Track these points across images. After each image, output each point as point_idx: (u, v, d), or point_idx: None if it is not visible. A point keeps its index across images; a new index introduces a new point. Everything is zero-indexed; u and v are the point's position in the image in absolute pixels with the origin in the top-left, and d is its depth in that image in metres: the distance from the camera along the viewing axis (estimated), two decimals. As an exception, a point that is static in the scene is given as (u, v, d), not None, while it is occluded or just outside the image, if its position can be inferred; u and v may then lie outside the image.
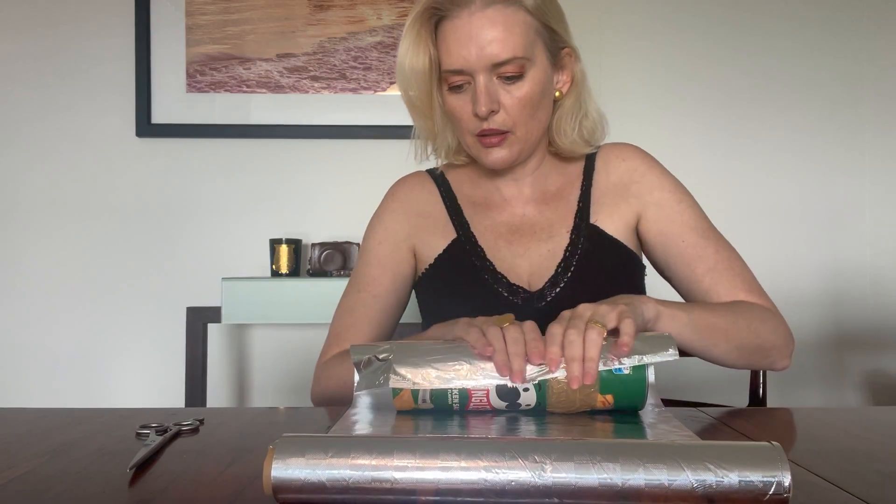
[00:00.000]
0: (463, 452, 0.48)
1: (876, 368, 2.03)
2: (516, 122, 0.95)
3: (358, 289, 1.06)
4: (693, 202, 1.02)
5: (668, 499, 0.47)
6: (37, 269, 1.96)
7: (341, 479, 0.48)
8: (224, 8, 1.96)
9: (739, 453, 0.48)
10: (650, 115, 2.01)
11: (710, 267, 0.97)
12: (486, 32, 0.91)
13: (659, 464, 0.47)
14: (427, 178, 1.11)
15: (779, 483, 0.47)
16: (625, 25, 2.01)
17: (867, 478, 0.55)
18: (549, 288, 0.98)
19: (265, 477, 0.48)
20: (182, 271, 1.97)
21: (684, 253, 0.99)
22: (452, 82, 0.95)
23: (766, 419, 0.78)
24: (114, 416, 0.79)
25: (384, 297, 1.05)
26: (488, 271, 0.99)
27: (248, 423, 0.78)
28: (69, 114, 1.97)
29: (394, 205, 1.09)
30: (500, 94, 0.94)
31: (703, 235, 0.99)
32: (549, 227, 1.03)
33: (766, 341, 0.91)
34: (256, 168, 1.99)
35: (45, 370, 1.95)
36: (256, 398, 1.99)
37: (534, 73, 0.94)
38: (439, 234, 1.05)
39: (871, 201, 2.03)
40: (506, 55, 0.91)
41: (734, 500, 0.47)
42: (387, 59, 1.98)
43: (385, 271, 1.05)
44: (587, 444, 0.49)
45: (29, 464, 0.60)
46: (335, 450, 0.49)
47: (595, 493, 0.47)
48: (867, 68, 2.03)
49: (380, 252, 1.07)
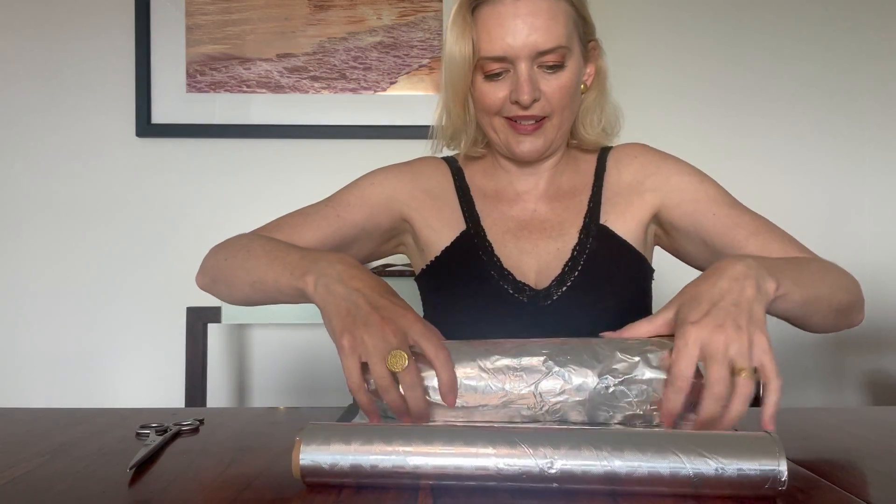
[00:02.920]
0: (476, 441, 0.51)
1: (876, 368, 2.03)
2: (554, 109, 0.94)
3: (326, 204, 1.01)
4: (714, 182, 1.01)
5: (665, 486, 0.49)
6: (36, 268, 1.96)
7: (364, 464, 0.51)
8: (224, 8, 1.96)
9: (737, 443, 0.49)
10: (649, 114, 2.01)
11: (752, 231, 0.94)
12: (532, 20, 0.89)
13: (657, 453, 0.49)
14: (444, 164, 1.09)
15: (776, 473, 0.47)
16: (625, 24, 2.01)
17: (867, 478, 0.56)
18: (555, 287, 0.95)
19: (294, 462, 0.52)
20: (182, 271, 1.97)
21: (718, 224, 0.95)
22: (490, 70, 0.93)
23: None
24: (114, 416, 0.79)
25: (347, 226, 1.00)
26: (495, 267, 0.97)
27: (248, 423, 0.78)
28: (69, 114, 1.97)
29: (405, 169, 1.06)
30: (540, 83, 0.92)
31: (733, 206, 0.97)
32: (559, 224, 1.01)
33: (857, 296, 0.88)
34: (256, 168, 1.99)
35: (45, 370, 1.95)
36: (256, 398, 1.99)
37: (572, 63, 0.94)
38: (445, 221, 1.02)
39: (871, 201, 2.03)
40: (550, 44, 0.90)
41: (731, 489, 0.48)
42: (387, 59, 1.98)
43: (363, 206, 1.01)
44: (590, 434, 0.51)
45: (29, 464, 0.60)
46: (358, 437, 0.52)
47: (595, 479, 0.49)
48: (867, 68, 2.03)
49: (368, 190, 1.03)
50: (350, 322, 0.66)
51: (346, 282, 0.70)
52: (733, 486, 0.48)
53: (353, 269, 0.72)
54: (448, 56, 0.95)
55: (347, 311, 0.67)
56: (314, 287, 0.73)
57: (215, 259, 0.94)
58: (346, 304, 0.68)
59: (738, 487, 0.48)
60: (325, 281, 0.71)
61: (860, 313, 0.90)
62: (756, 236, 0.93)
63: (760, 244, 0.93)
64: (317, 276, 0.73)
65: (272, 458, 0.61)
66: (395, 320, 0.66)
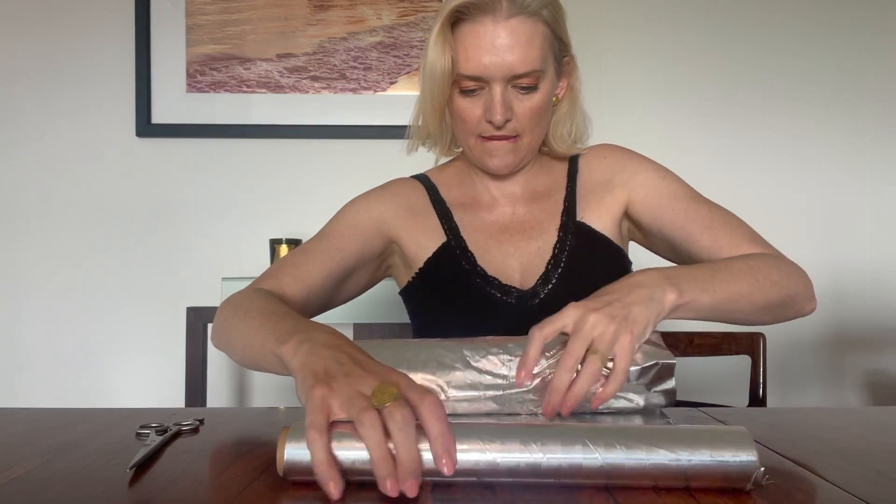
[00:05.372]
0: (462, 436, 0.52)
1: (876, 368, 2.03)
2: (525, 129, 0.97)
3: (322, 238, 1.00)
4: (678, 178, 1.03)
5: (646, 476, 0.51)
6: (37, 269, 1.96)
7: (348, 460, 0.51)
8: (224, 8, 1.96)
9: (710, 436, 0.52)
10: (649, 114, 2.01)
11: (706, 225, 0.96)
12: (509, 43, 0.91)
13: (638, 444, 0.51)
14: (417, 183, 1.11)
15: (747, 461, 0.50)
16: (625, 24, 2.01)
17: (867, 478, 0.56)
18: (540, 285, 0.98)
19: (279, 458, 0.52)
20: (182, 271, 1.97)
21: (676, 219, 0.98)
22: (466, 87, 0.95)
23: (766, 419, 0.78)
24: (114, 416, 0.79)
25: (348, 257, 0.99)
26: (479, 276, 0.99)
27: (248, 423, 0.78)
28: (69, 114, 1.97)
29: (383, 192, 1.08)
30: (513, 103, 0.95)
31: (693, 200, 1.00)
32: (538, 224, 1.03)
33: (790, 290, 0.88)
34: (256, 168, 1.99)
35: (45, 370, 1.95)
36: (256, 398, 1.99)
37: (545, 84, 0.96)
38: (429, 235, 1.04)
39: (871, 201, 2.03)
40: (526, 68, 0.92)
41: (708, 477, 0.51)
42: (387, 59, 1.98)
43: (357, 234, 1.01)
44: (574, 429, 0.53)
45: (29, 464, 0.60)
46: (345, 433, 0.52)
47: (581, 472, 0.51)
48: (867, 68, 2.03)
49: (357, 218, 1.03)
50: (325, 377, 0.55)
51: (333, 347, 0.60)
52: (707, 472, 0.51)
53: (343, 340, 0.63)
54: (429, 67, 0.96)
55: (325, 369, 0.57)
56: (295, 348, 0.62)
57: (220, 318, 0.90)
58: (325, 364, 0.57)
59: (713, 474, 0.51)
60: (309, 346, 0.62)
61: (807, 303, 0.91)
62: (710, 230, 0.95)
63: (713, 238, 0.95)
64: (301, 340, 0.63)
65: (272, 458, 0.61)
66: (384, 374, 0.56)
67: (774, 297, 0.86)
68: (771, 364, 1.28)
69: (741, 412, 0.86)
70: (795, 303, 0.89)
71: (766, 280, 0.85)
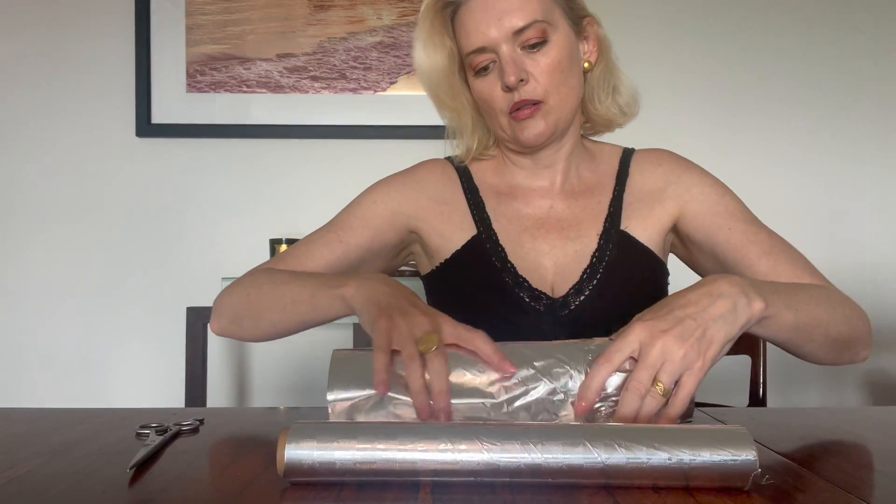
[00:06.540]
0: (461, 436, 0.52)
1: (876, 368, 2.03)
2: (547, 89, 0.91)
3: (328, 229, 0.99)
4: (735, 196, 0.99)
5: (646, 476, 0.51)
6: (37, 269, 1.96)
7: (349, 460, 0.51)
8: (224, 8, 1.96)
9: (709, 435, 0.52)
10: (649, 114, 2.00)
11: (765, 250, 0.91)
12: (503, 3, 0.89)
13: (638, 444, 0.51)
14: (449, 167, 1.05)
15: (746, 461, 0.50)
16: (626, 24, 2.00)
17: (867, 478, 0.55)
18: (573, 295, 0.92)
19: (279, 458, 0.52)
20: (182, 271, 1.97)
21: (732, 239, 0.93)
22: (477, 64, 0.92)
23: (766, 419, 0.78)
24: (114, 416, 0.79)
25: (351, 249, 0.97)
26: (509, 274, 0.94)
27: (248, 423, 0.78)
28: (69, 114, 1.97)
29: (407, 179, 1.03)
30: (526, 64, 0.91)
31: (751, 222, 0.95)
32: (577, 224, 0.97)
33: (856, 330, 0.84)
34: (256, 168, 1.99)
35: (45, 370, 1.95)
36: (256, 398, 1.99)
37: (557, 38, 0.92)
38: (456, 226, 0.99)
39: (871, 202, 2.03)
40: (525, 20, 0.89)
41: (706, 477, 0.51)
42: (387, 59, 1.98)
43: (367, 227, 0.98)
44: (574, 429, 0.53)
45: (29, 464, 0.60)
46: (344, 434, 0.52)
47: (581, 472, 0.51)
48: (868, 68, 2.03)
49: (370, 209, 0.99)
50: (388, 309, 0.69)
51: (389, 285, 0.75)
52: (708, 471, 0.51)
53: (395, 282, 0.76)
54: (418, 70, 0.95)
55: (388, 303, 0.71)
56: (357, 287, 0.76)
57: (233, 297, 0.92)
58: (387, 299, 0.71)
59: (713, 474, 0.51)
60: (369, 284, 0.76)
61: (865, 349, 0.87)
62: (768, 255, 0.91)
63: (771, 264, 0.90)
64: (360, 281, 0.77)
65: (272, 458, 0.61)
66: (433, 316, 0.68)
67: (845, 334, 0.82)
68: (771, 364, 1.28)
69: (741, 412, 0.86)
70: (857, 345, 0.86)
71: (841, 314, 0.82)
